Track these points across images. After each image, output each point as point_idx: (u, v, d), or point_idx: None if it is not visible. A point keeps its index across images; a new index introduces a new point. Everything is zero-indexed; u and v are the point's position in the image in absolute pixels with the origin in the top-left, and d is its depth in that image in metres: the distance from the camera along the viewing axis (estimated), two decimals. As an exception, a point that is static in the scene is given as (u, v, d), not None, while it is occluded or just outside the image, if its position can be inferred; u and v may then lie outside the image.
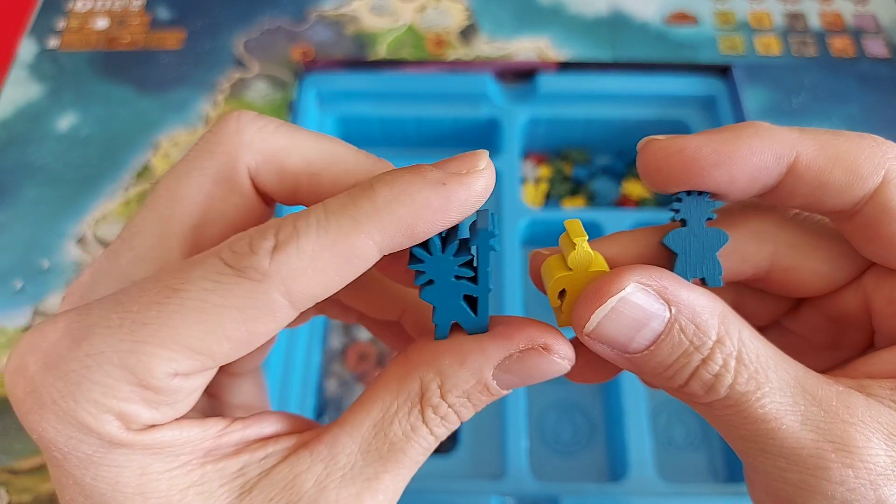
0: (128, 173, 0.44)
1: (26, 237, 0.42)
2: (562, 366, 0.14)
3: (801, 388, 0.12)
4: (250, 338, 0.12)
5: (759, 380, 0.12)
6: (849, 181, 0.13)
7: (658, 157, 0.14)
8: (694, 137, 0.13)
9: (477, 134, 0.42)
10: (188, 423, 0.13)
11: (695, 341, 0.12)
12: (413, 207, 0.13)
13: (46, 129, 0.46)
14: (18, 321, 0.39)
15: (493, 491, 0.30)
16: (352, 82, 0.41)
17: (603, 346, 0.13)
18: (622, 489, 0.31)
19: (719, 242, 0.14)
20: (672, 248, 0.14)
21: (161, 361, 0.12)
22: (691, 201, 0.14)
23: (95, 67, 0.48)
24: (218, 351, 0.12)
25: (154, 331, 0.12)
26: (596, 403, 0.36)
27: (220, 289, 0.12)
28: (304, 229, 0.12)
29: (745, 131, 0.13)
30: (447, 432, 0.14)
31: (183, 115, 0.46)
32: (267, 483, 0.13)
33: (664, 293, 0.13)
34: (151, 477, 0.13)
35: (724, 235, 0.14)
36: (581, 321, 0.13)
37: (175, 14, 0.51)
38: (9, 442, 0.35)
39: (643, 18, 0.49)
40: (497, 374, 0.14)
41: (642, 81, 0.41)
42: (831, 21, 0.50)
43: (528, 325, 0.14)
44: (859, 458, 0.12)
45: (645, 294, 0.13)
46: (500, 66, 0.42)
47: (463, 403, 0.14)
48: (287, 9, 0.51)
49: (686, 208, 0.14)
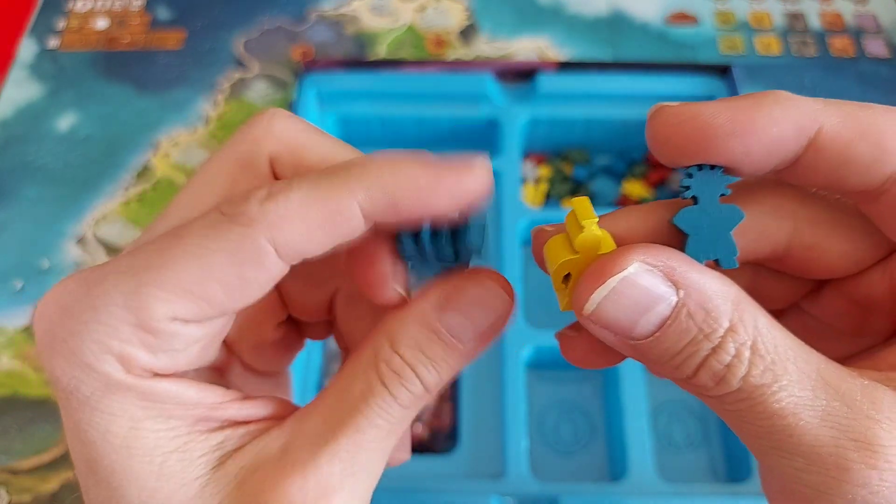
0: (128, 173, 0.44)
1: (26, 237, 0.42)
2: (502, 298, 0.14)
3: (822, 381, 0.11)
4: (241, 283, 0.13)
5: (776, 372, 0.11)
6: (876, 157, 0.11)
7: (669, 124, 0.12)
8: (709, 104, 0.12)
9: (477, 134, 0.42)
10: (187, 382, 0.14)
11: (705, 328, 0.11)
12: (400, 178, 0.13)
13: (46, 129, 0.46)
14: (18, 321, 0.39)
15: (493, 491, 0.30)
16: (352, 82, 0.41)
17: (605, 331, 0.12)
18: (622, 489, 0.31)
19: (734, 220, 0.13)
20: (682, 227, 0.13)
21: (159, 303, 0.12)
22: (703, 176, 0.13)
23: (95, 67, 0.48)
24: (212, 295, 0.13)
25: (155, 274, 0.13)
26: (596, 403, 0.36)
27: (212, 233, 0.13)
28: (296, 183, 0.13)
29: (766, 100, 0.12)
30: (408, 393, 0.14)
31: (183, 114, 0.46)
32: (239, 455, 0.14)
33: (672, 274, 0.12)
34: (140, 433, 0.13)
35: (738, 213, 0.13)
36: (580, 302, 0.12)
37: (175, 14, 0.51)
38: (9, 442, 0.35)
39: (643, 18, 0.49)
40: (442, 316, 0.14)
41: (642, 81, 0.41)
42: (831, 21, 0.50)
43: (469, 270, 0.14)
44: (885, 459, 0.11)
45: (650, 275, 0.12)
46: (500, 66, 0.42)
47: (418, 357, 0.14)
48: (287, 9, 0.51)
49: (697, 184, 0.13)
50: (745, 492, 0.31)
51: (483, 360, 0.34)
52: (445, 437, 0.34)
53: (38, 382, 0.37)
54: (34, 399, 0.37)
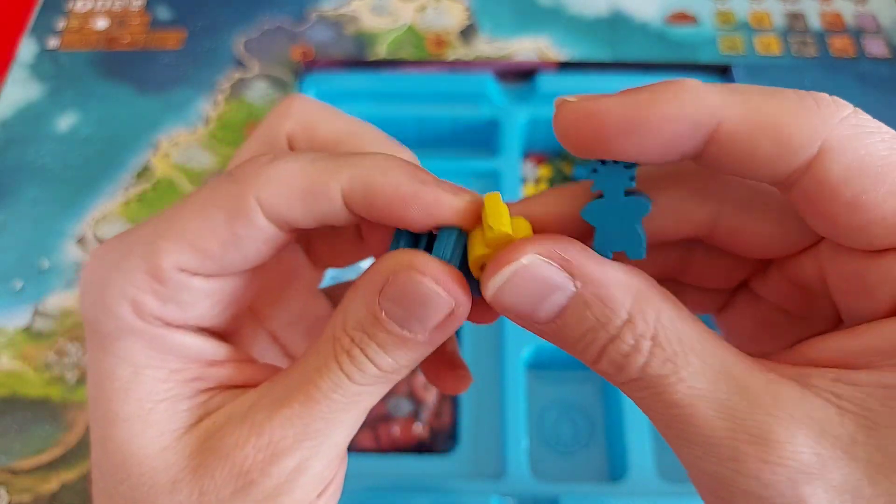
0: (128, 173, 0.44)
1: (26, 237, 0.42)
2: (433, 291, 0.13)
3: (726, 374, 0.11)
4: (234, 239, 0.14)
5: (676, 363, 0.11)
6: (778, 153, 0.11)
7: (568, 120, 0.12)
8: (607, 99, 0.12)
9: (477, 134, 0.42)
10: (193, 334, 0.15)
11: (601, 318, 0.12)
12: (383, 179, 0.14)
13: (46, 129, 0.46)
14: (18, 321, 0.39)
15: (493, 491, 0.30)
16: (352, 82, 0.41)
17: (510, 314, 0.13)
18: (622, 489, 0.31)
19: (640, 212, 0.13)
20: (590, 221, 0.13)
21: (168, 254, 0.14)
22: (607, 171, 0.13)
23: (95, 67, 0.48)
24: (210, 248, 0.14)
25: (167, 227, 0.14)
26: (596, 403, 0.36)
27: (214, 191, 0.14)
28: (295, 156, 0.14)
29: (663, 95, 0.12)
30: (361, 374, 0.14)
31: (183, 114, 0.46)
32: (215, 414, 0.15)
33: (568, 266, 0.12)
34: (140, 378, 0.14)
35: (644, 205, 0.13)
36: (483, 287, 0.13)
37: (175, 14, 0.51)
38: (9, 442, 0.35)
39: (643, 18, 0.49)
40: (383, 302, 0.14)
41: (642, 81, 0.41)
42: (831, 21, 0.50)
43: (408, 252, 0.14)
44: (778, 454, 0.11)
45: (546, 266, 0.12)
46: (500, 66, 0.42)
47: (365, 341, 0.14)
48: (287, 9, 0.51)
49: (601, 178, 0.13)
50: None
51: (483, 361, 0.34)
52: (446, 437, 0.34)
53: (37, 383, 0.37)
54: (34, 399, 0.37)
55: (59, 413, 0.36)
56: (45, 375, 0.37)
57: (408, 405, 0.34)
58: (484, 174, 0.40)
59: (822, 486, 0.10)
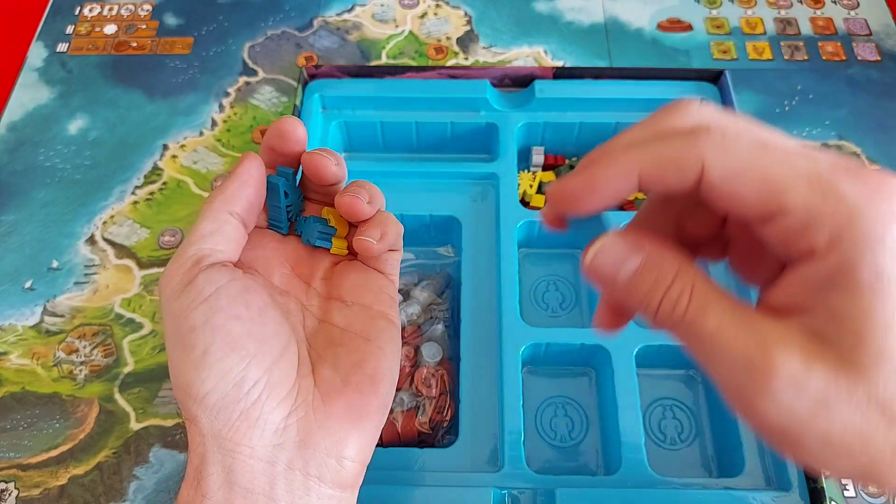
0: (136, 176, 0.45)
1: (36, 238, 0.42)
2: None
3: (737, 313, 0.16)
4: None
5: (707, 305, 0.16)
6: (680, 178, 0.16)
7: (550, 198, 0.18)
8: (566, 181, 0.17)
9: (475, 138, 0.43)
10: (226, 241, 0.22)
11: (659, 276, 0.17)
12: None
13: (56, 132, 0.46)
14: (28, 320, 0.40)
15: (490, 483, 0.31)
16: (354, 88, 0.42)
17: (602, 280, 0.17)
18: (616, 481, 0.31)
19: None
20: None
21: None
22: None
23: (104, 72, 0.49)
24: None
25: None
26: (591, 399, 0.36)
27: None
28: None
29: (593, 169, 0.17)
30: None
31: (190, 118, 0.47)
32: (206, 270, 0.21)
33: (637, 242, 0.17)
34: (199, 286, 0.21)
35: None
36: (583, 258, 0.18)
37: (182, 21, 0.52)
38: (18, 437, 0.36)
39: (637, 25, 0.50)
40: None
41: (636, 87, 0.42)
42: (822, 26, 0.51)
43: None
44: (778, 359, 0.15)
45: (622, 241, 0.17)
46: (498, 73, 0.43)
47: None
48: (292, 16, 0.52)
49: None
50: (737, 486, 0.32)
51: (482, 359, 0.35)
52: (445, 431, 0.34)
53: (47, 379, 0.38)
54: (43, 395, 0.37)
55: (68, 409, 0.37)
56: (55, 372, 0.38)
57: (410, 400, 0.35)
58: (482, 178, 0.41)
59: (800, 367, 0.15)
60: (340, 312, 0.24)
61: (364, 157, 0.43)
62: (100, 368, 0.38)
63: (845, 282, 0.15)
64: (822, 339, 0.15)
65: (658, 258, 0.17)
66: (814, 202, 0.15)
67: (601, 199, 0.17)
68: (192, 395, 0.20)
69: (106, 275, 0.41)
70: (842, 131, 0.46)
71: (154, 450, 0.35)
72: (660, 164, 0.16)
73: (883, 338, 0.14)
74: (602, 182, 0.17)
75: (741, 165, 0.15)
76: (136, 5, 0.53)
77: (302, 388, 0.21)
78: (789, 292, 0.16)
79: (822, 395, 0.14)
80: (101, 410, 0.37)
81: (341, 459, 0.21)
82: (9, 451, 0.36)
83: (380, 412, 0.22)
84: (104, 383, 0.38)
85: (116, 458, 0.35)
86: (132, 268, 0.41)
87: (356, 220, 0.23)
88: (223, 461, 0.20)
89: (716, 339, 0.16)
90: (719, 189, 0.16)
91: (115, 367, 0.38)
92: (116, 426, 0.36)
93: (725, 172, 0.15)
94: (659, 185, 0.16)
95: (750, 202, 0.15)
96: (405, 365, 0.35)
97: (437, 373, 0.35)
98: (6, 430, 0.36)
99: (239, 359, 0.20)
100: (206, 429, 0.20)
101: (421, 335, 0.37)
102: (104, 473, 0.35)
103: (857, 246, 0.14)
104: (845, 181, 0.15)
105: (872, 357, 0.14)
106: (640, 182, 0.16)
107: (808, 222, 0.15)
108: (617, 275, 0.17)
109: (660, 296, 0.17)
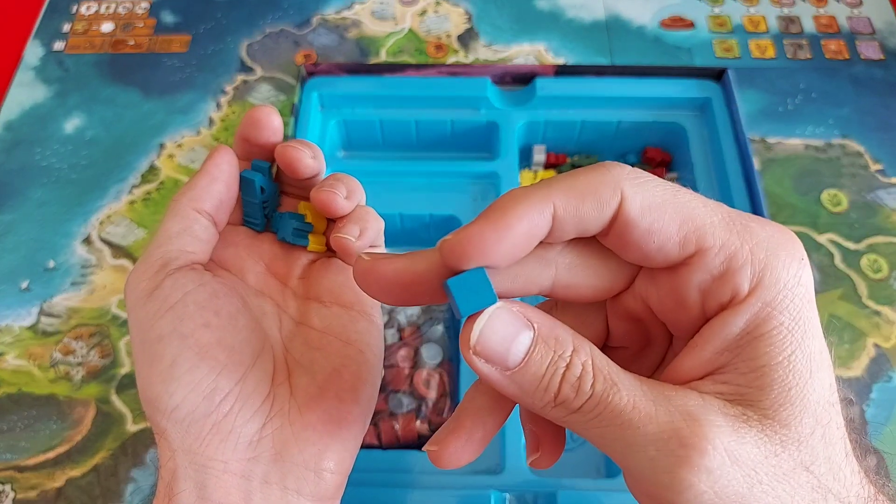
0: (133, 175, 0.45)
1: (33, 238, 0.42)
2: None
3: (647, 386, 0.15)
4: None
5: (613, 379, 0.14)
6: (597, 210, 0.15)
7: (455, 252, 0.15)
8: (468, 225, 0.15)
9: (476, 137, 0.43)
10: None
11: (557, 350, 0.15)
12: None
13: (52, 131, 0.46)
14: (24, 320, 0.39)
15: (491, 486, 0.31)
16: (353, 86, 0.42)
17: (486, 365, 0.15)
18: (617, 485, 0.31)
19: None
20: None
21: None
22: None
23: (101, 70, 0.49)
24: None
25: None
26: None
27: None
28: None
29: (501, 206, 0.15)
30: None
31: (187, 117, 0.47)
32: (174, 274, 0.21)
33: (524, 312, 0.15)
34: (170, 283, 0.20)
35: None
36: (464, 340, 0.15)
37: (179, 18, 0.51)
38: (14, 439, 0.36)
39: (639, 23, 0.50)
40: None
41: (638, 85, 0.42)
42: (825, 24, 0.50)
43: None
44: (707, 428, 0.14)
45: (510, 313, 0.15)
46: (498, 71, 0.43)
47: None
48: (290, 13, 0.51)
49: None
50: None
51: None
52: (445, 433, 0.34)
53: (43, 380, 0.38)
54: (40, 397, 0.37)
55: (64, 411, 0.37)
56: (51, 373, 0.38)
57: (409, 402, 0.35)
58: (482, 176, 0.40)
59: (733, 435, 0.14)
60: (318, 314, 0.22)
61: (363, 156, 0.43)
62: (96, 370, 0.38)
63: (766, 329, 0.14)
64: (743, 399, 0.14)
65: (551, 331, 0.15)
66: (732, 242, 0.14)
67: (512, 240, 0.14)
68: (160, 408, 0.19)
69: (102, 275, 0.41)
70: (845, 130, 0.45)
71: (151, 452, 0.35)
72: (576, 194, 0.15)
73: (805, 387, 0.14)
74: (512, 218, 0.14)
75: (659, 200, 0.15)
76: (133, 3, 0.52)
77: (277, 398, 0.20)
78: (703, 356, 0.15)
79: (759, 464, 0.13)
80: (97, 412, 0.37)
81: (320, 472, 0.20)
82: (5, 452, 0.36)
83: (361, 420, 0.21)
84: (101, 385, 0.37)
85: (113, 460, 0.35)
86: (129, 268, 0.41)
87: (333, 216, 0.22)
88: (195, 477, 0.19)
89: (632, 416, 0.14)
90: (637, 222, 0.15)
91: (112, 369, 0.38)
92: (113, 428, 0.36)
93: (645, 204, 0.14)
94: (573, 221, 0.15)
95: (670, 237, 0.15)
96: (405, 366, 0.35)
97: (436, 374, 0.35)
98: (3, 431, 0.36)
99: (209, 369, 0.19)
100: (176, 443, 0.19)
101: (420, 336, 0.37)
102: (101, 475, 0.35)
103: (776, 287, 0.14)
104: (754, 224, 0.15)
105: (797, 413, 0.14)
106: (553, 218, 0.15)
107: (729, 263, 0.14)
108: (507, 357, 0.14)
109: (559, 376, 0.14)
